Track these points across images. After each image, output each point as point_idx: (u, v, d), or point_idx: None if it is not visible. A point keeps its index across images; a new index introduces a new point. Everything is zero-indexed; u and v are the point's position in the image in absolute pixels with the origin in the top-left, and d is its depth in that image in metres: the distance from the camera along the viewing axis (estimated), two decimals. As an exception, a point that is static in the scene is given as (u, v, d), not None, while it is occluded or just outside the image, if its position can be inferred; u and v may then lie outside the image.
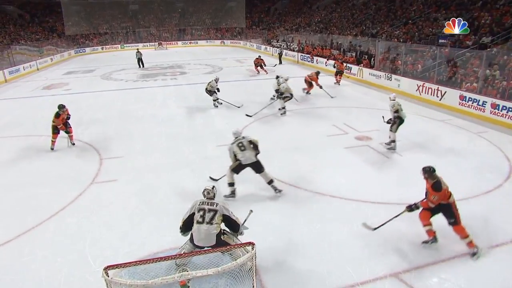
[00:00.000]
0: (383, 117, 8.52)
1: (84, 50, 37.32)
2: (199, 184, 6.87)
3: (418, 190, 6.40)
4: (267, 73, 19.42)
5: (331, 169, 7.46)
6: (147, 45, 40.22)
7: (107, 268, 3.00)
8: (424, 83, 13.23)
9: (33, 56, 27.29)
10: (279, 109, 11.57)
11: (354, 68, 17.95)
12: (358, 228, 5.30)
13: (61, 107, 8.93)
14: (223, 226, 4.26)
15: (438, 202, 4.72)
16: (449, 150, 8.34)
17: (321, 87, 13.75)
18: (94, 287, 4.18)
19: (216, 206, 4.17)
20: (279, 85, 11.60)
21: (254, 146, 6.18)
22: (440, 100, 12.36)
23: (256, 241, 3.38)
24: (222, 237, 4.18)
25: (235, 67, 23.61)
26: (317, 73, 14.21)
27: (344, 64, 17.58)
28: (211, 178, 6.94)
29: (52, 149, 8.85)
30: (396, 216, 5.10)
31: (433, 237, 4.89)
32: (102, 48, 39.05)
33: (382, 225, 5.13)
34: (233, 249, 3.38)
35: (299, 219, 5.68)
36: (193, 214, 4.19)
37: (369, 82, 16.49)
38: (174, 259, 3.21)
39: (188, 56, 31.20)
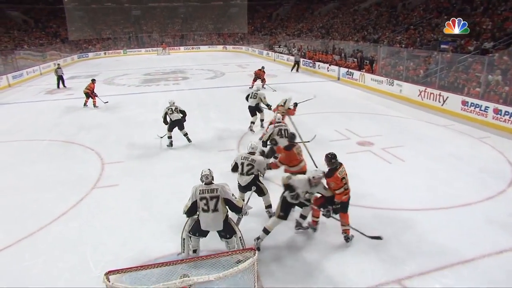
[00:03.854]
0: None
1: (87, 55, 37.49)
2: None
3: (419, 195, 6.42)
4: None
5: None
6: (149, 50, 40.46)
7: (108, 274, 2.99)
8: (426, 88, 13.23)
9: (37, 61, 27.43)
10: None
11: (356, 74, 17.98)
12: (360, 235, 5.29)
13: None
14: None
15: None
16: (451, 155, 8.31)
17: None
18: (95, 292, 4.16)
19: (216, 192, 4.23)
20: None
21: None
22: (442, 105, 12.35)
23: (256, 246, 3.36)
24: (228, 220, 4.34)
25: (237, 72, 23.66)
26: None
27: (264, 73, 17.26)
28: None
29: None
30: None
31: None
32: (105, 53, 39.17)
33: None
34: (235, 255, 3.36)
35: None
36: (196, 201, 4.28)
37: (371, 87, 16.49)
38: (175, 264, 3.20)
39: (190, 61, 31.30)
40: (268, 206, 5.79)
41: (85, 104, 14.05)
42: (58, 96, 16.94)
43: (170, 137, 9.11)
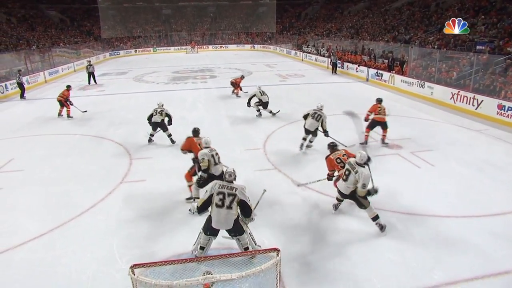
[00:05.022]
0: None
1: (118, 53, 38.58)
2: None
3: (449, 201, 6.20)
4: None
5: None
6: (178, 49, 41.23)
7: (133, 267, 3.06)
8: (459, 91, 12.77)
9: (71, 58, 28.51)
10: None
11: (386, 75, 17.58)
12: (386, 238, 5.17)
13: None
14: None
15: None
16: (484, 161, 7.97)
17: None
18: (120, 284, 4.27)
19: (235, 191, 4.30)
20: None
21: None
22: (476, 109, 11.88)
23: (280, 248, 3.34)
24: (238, 220, 4.35)
25: (265, 71, 23.66)
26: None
27: (242, 80, 15.89)
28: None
29: None
30: (318, 180, 6.46)
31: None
32: (135, 51, 40.20)
33: (307, 183, 6.58)
34: (258, 254, 3.35)
35: (325, 227, 5.59)
36: (212, 195, 4.32)
37: (401, 89, 16.08)
38: (199, 261, 3.23)
39: (218, 59, 31.58)
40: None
41: (59, 114, 12.43)
42: (90, 92, 17.51)
43: (152, 135, 9.49)
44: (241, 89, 15.66)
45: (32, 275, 4.58)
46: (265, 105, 11.82)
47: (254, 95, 11.87)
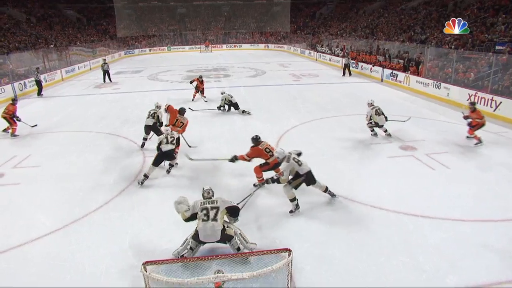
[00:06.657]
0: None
1: (133, 52, 39.03)
2: (239, 184, 6.94)
3: (465, 205, 6.08)
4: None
5: (373, 178, 7.22)
6: (192, 48, 41.49)
7: (145, 264, 3.09)
8: (476, 92, 12.50)
9: (87, 56, 28.97)
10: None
11: (401, 75, 17.35)
12: (399, 241, 5.10)
13: None
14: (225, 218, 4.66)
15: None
16: (502, 164, 7.78)
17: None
18: (133, 280, 4.31)
19: (216, 204, 4.61)
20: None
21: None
22: (494, 110, 11.62)
23: (291, 248, 3.33)
24: (225, 231, 4.51)
25: (279, 71, 23.61)
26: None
27: (204, 84, 15.06)
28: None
29: None
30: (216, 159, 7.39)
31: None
32: (150, 50, 40.63)
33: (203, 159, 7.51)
34: (269, 254, 3.35)
35: (337, 228, 5.54)
36: (196, 213, 4.60)
37: (416, 90, 15.85)
38: (210, 259, 3.24)
39: (232, 59, 31.65)
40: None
41: (4, 130, 10.66)
42: (105, 90, 17.76)
43: (145, 139, 9.11)
44: (199, 93, 14.86)
45: (47, 269, 4.67)
46: (235, 105, 12.61)
47: (225, 100, 12.61)
